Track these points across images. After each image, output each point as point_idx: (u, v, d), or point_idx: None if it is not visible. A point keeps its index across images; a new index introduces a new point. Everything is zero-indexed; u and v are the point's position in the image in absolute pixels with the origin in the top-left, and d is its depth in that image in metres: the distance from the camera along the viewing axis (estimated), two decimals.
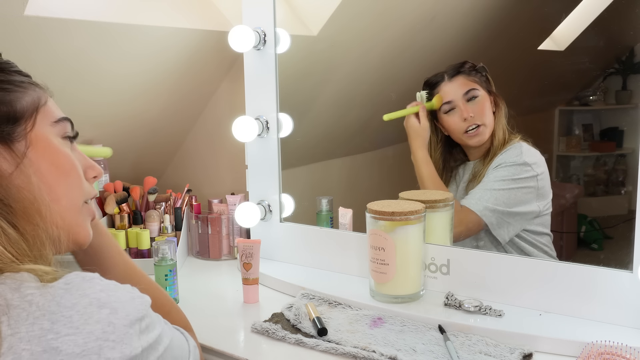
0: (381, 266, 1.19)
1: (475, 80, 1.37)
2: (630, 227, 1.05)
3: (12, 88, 0.78)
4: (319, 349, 1.05)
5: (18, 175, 0.74)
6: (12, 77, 0.79)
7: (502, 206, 1.32)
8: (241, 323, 1.20)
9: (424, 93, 1.41)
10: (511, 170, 1.33)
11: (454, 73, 1.39)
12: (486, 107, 1.37)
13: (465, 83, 1.38)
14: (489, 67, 1.37)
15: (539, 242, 1.31)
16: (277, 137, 1.47)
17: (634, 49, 1.26)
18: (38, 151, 0.77)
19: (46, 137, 0.79)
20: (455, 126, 1.40)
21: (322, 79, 1.65)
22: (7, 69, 0.81)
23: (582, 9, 1.25)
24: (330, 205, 1.56)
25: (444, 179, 1.43)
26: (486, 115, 1.37)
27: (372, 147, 1.67)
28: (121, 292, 0.69)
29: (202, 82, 1.76)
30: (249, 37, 1.40)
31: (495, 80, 1.37)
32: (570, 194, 1.36)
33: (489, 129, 1.37)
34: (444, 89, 1.40)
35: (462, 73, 1.38)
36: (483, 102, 1.37)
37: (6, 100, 0.76)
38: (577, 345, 1.00)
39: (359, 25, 1.59)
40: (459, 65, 1.38)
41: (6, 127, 0.75)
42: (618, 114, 1.35)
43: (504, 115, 1.37)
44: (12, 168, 0.74)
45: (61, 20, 1.26)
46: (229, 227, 1.63)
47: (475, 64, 1.38)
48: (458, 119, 1.38)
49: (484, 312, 1.13)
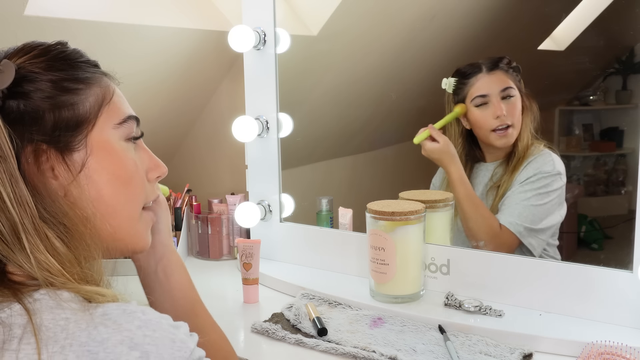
0: (381, 266, 1.19)
1: (512, 79, 1.31)
2: (630, 227, 1.05)
3: (76, 87, 0.68)
4: (319, 349, 1.05)
5: (73, 188, 0.67)
6: (77, 73, 0.70)
7: (537, 223, 1.27)
8: (241, 323, 1.20)
9: (452, 81, 1.34)
10: (546, 182, 1.28)
11: (493, 67, 1.32)
12: (518, 109, 1.31)
13: (503, 80, 1.32)
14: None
15: (549, 252, 1.29)
16: (277, 137, 1.47)
17: (634, 49, 1.26)
18: (98, 160, 0.69)
19: (108, 142, 0.70)
20: (485, 122, 1.33)
21: (322, 79, 1.65)
22: (74, 59, 0.71)
23: (582, 9, 1.25)
24: (330, 205, 1.56)
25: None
26: (517, 117, 1.31)
27: (372, 147, 1.67)
28: (160, 333, 0.60)
29: (202, 82, 1.76)
30: (249, 37, 1.40)
31: None
32: (571, 194, 1.35)
33: (516, 131, 1.31)
34: (481, 80, 1.32)
35: (501, 69, 1.32)
36: (516, 102, 1.31)
37: (69, 103, 0.67)
38: (577, 345, 1.00)
39: (359, 25, 1.59)
40: (497, 60, 1.32)
41: (65, 135, 0.67)
42: (618, 114, 1.35)
43: (531, 119, 1.31)
44: (67, 181, 0.67)
45: (61, 20, 1.26)
46: (229, 227, 1.63)
47: (512, 60, 1.32)
48: (490, 115, 1.31)
49: (484, 312, 1.13)
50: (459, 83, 1.34)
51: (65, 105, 0.67)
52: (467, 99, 1.34)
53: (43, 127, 0.66)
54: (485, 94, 1.32)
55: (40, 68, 0.67)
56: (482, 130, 1.34)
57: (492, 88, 1.31)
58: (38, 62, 0.68)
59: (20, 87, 0.65)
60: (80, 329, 0.57)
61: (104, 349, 0.56)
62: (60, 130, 0.66)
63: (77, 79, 0.69)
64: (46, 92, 0.66)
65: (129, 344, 0.57)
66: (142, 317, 0.60)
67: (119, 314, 0.59)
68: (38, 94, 0.66)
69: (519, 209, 1.28)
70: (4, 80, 0.64)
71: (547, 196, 1.27)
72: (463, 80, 1.34)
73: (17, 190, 0.62)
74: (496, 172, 1.35)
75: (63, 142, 0.67)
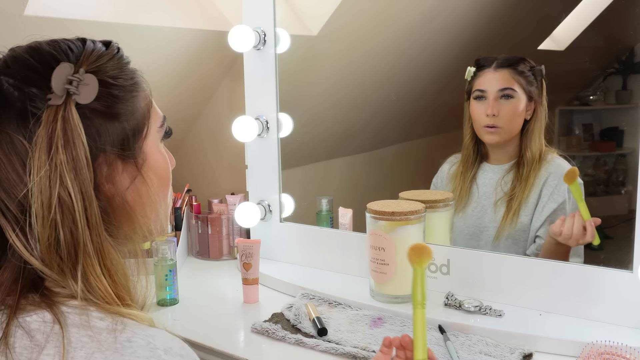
0: (381, 266, 1.19)
1: (520, 81, 1.30)
2: (630, 227, 1.05)
3: (135, 94, 0.67)
4: (319, 349, 1.05)
5: (130, 194, 0.66)
6: (132, 78, 0.67)
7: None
8: (241, 323, 1.20)
9: (472, 70, 1.34)
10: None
11: (502, 65, 1.31)
12: (516, 111, 1.30)
13: (506, 79, 1.31)
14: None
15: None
16: (277, 137, 1.47)
17: (634, 49, 1.26)
18: (149, 164, 0.68)
19: (155, 145, 0.70)
20: (477, 116, 1.34)
21: (322, 79, 1.65)
22: (126, 62, 0.68)
23: (582, 9, 1.25)
24: (330, 205, 1.56)
25: (469, 172, 1.37)
26: (511, 120, 1.30)
27: (372, 147, 1.67)
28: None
29: (202, 82, 1.76)
30: (249, 37, 1.40)
31: None
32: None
33: (508, 134, 1.31)
34: (485, 75, 1.33)
35: (511, 68, 1.31)
36: (516, 104, 1.30)
37: (132, 110, 0.66)
38: (577, 345, 1.00)
39: (359, 25, 1.59)
40: (512, 60, 1.31)
41: (130, 143, 0.66)
42: (618, 113, 1.35)
43: (540, 127, 1.29)
44: (124, 187, 0.66)
45: (61, 20, 1.26)
46: (229, 227, 1.63)
47: (535, 65, 1.30)
48: (482, 110, 1.32)
49: (484, 312, 1.13)
50: (475, 72, 1.34)
51: (131, 114, 0.66)
52: (472, 90, 1.35)
53: (115, 138, 0.64)
54: (484, 89, 1.32)
55: (110, 77, 0.65)
56: (475, 123, 1.35)
57: (492, 85, 1.31)
58: (108, 70, 0.65)
59: (98, 99, 0.62)
60: (99, 350, 0.56)
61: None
62: (127, 140, 0.65)
63: (135, 83, 0.68)
64: (119, 100, 0.65)
65: None
66: (163, 356, 0.58)
67: (141, 346, 0.58)
68: (113, 104, 0.64)
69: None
70: (88, 95, 0.61)
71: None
72: (476, 71, 1.35)
73: (89, 210, 0.60)
74: (506, 180, 1.34)
75: (128, 151, 0.66)
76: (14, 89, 0.61)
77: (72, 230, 0.59)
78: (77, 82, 0.60)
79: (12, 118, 0.60)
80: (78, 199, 0.59)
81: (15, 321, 0.58)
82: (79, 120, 0.60)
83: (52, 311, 0.58)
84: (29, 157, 0.59)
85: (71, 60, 0.63)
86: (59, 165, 0.58)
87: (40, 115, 0.59)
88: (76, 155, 0.59)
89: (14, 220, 0.60)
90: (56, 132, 0.59)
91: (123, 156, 0.65)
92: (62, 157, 0.58)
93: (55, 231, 0.59)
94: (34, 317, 0.58)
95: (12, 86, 0.61)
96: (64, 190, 0.58)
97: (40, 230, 0.58)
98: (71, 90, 0.60)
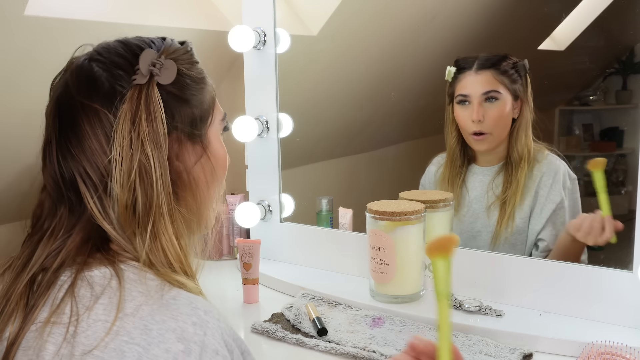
0: (381, 266, 1.19)
1: (503, 81, 1.25)
2: (630, 227, 1.05)
3: (203, 86, 0.76)
4: (319, 349, 1.05)
5: (194, 174, 0.74)
6: (202, 72, 0.77)
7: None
8: (241, 323, 1.20)
9: (452, 70, 1.30)
10: (573, 186, 1.26)
11: (483, 66, 1.27)
12: (502, 114, 1.26)
13: (489, 81, 1.26)
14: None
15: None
16: (277, 137, 1.47)
17: (634, 49, 1.26)
18: (211, 151, 0.76)
19: (216, 135, 0.78)
20: (464, 123, 1.30)
21: (322, 78, 1.65)
22: (194, 62, 0.77)
23: (582, 9, 1.25)
24: (330, 205, 1.56)
25: (458, 177, 1.34)
26: (498, 123, 1.27)
27: (372, 147, 1.67)
28: (209, 339, 0.61)
29: None
30: (249, 37, 1.40)
31: None
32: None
33: (497, 139, 1.28)
34: (466, 79, 1.28)
35: (493, 68, 1.26)
36: (502, 106, 1.26)
37: (201, 99, 0.75)
38: (577, 345, 1.00)
39: (359, 25, 1.59)
40: (493, 59, 1.27)
41: (197, 127, 0.74)
42: (618, 114, 1.35)
43: (526, 125, 1.26)
44: (190, 167, 0.74)
45: (61, 20, 1.26)
46: (229, 227, 1.63)
47: (517, 60, 1.26)
48: (467, 116, 1.28)
49: (484, 312, 1.13)
50: (455, 74, 1.30)
51: (200, 102, 0.75)
52: (455, 94, 1.31)
53: (185, 119, 0.73)
54: (466, 94, 1.29)
55: (184, 67, 0.74)
56: (463, 130, 1.32)
57: (474, 89, 1.27)
58: (183, 61, 0.74)
59: (174, 84, 0.72)
60: (147, 303, 0.62)
61: (157, 329, 0.60)
62: (195, 123, 0.74)
63: (203, 78, 0.77)
64: (190, 88, 0.74)
65: (179, 335, 0.60)
66: (203, 316, 0.62)
67: (184, 303, 0.63)
68: (186, 90, 0.73)
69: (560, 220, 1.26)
70: (168, 77, 0.71)
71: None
72: (457, 73, 1.30)
73: (165, 178, 0.68)
74: (496, 183, 1.31)
75: (196, 133, 0.74)
76: (103, 71, 0.70)
77: (149, 193, 0.66)
78: (160, 65, 0.70)
79: (101, 96, 0.68)
80: (156, 165, 0.67)
81: (81, 274, 0.65)
82: (159, 97, 0.69)
83: (113, 267, 0.65)
84: (114, 129, 0.66)
85: (154, 49, 0.72)
86: (141, 134, 0.66)
87: (125, 93, 0.68)
88: (156, 127, 0.67)
89: (93, 187, 0.67)
90: (140, 107, 0.67)
91: (192, 135, 0.73)
92: (144, 127, 0.67)
93: (133, 194, 0.66)
94: (96, 272, 0.65)
95: (102, 69, 0.70)
96: (144, 157, 0.66)
97: (119, 194, 0.65)
98: (154, 72, 0.69)
